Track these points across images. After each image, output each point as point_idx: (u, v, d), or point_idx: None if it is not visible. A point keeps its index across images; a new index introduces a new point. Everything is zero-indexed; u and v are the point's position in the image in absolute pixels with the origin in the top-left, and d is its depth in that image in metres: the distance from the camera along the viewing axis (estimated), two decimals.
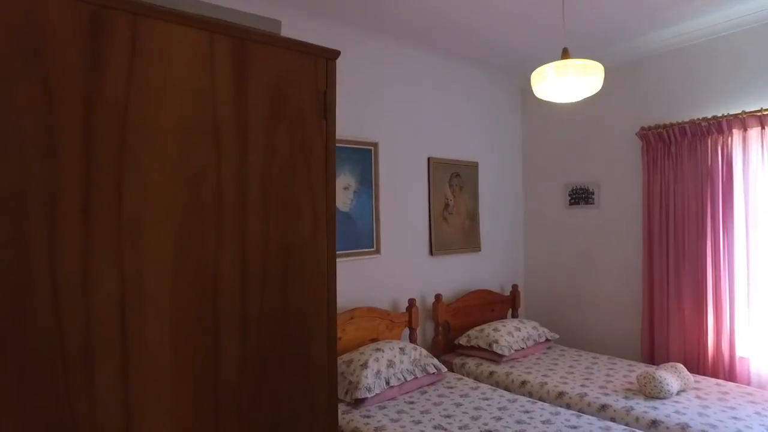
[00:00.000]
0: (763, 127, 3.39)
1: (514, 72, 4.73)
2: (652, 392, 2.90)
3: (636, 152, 4.07)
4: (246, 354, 0.91)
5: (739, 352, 3.47)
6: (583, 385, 3.17)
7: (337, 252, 3.47)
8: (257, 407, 0.93)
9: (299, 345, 0.97)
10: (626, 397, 2.94)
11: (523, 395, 3.20)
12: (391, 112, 3.91)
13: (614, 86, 4.25)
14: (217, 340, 0.88)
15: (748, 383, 3.35)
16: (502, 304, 4.52)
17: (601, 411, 2.86)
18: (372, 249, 3.73)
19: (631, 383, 3.15)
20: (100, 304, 0.77)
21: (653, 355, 3.85)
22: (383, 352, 3.15)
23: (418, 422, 2.66)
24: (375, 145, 3.77)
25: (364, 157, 3.72)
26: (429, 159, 4.16)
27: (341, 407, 2.87)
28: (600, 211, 4.37)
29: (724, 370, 3.49)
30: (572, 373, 3.43)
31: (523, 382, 3.32)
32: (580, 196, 4.49)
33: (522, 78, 4.84)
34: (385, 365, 3.07)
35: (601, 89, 4.24)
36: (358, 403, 2.87)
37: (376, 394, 2.92)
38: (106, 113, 0.79)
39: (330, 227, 1.06)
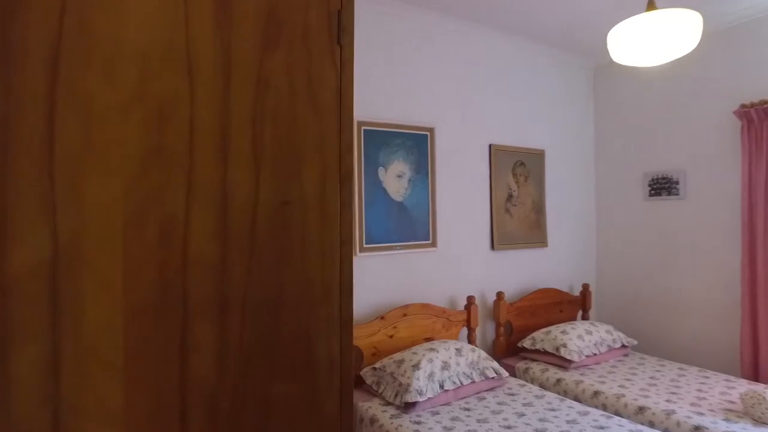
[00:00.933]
0: None
1: (586, 52, 4.30)
2: (764, 416, 2.44)
3: (732, 134, 3.54)
4: (225, 348, 0.69)
5: None
6: (669, 401, 2.74)
7: (390, 244, 3.27)
8: (239, 416, 0.71)
9: (299, 339, 0.75)
10: (727, 419, 2.49)
11: (596, 407, 2.83)
12: (449, 95, 3.63)
13: (707, 56, 3.73)
14: (186, 327, 0.67)
15: None
16: (570, 305, 4.11)
17: None
18: (428, 242, 3.47)
19: (732, 402, 2.69)
20: (19, 273, 0.58)
21: (757, 371, 3.32)
22: (437, 352, 2.89)
23: None
24: (431, 130, 3.51)
25: (419, 144, 3.47)
26: (490, 146, 3.84)
27: (389, 411, 2.63)
28: (686, 202, 3.86)
29: None
30: (654, 385, 3.00)
31: (596, 393, 2.94)
32: (662, 186, 4.00)
33: (594, 58, 4.39)
34: (440, 367, 2.80)
35: (691, 61, 3.76)
36: (408, 407, 2.62)
37: (429, 398, 2.66)
38: (33, 18, 0.60)
39: (345, 186, 0.83)
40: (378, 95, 3.29)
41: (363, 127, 3.22)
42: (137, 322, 0.63)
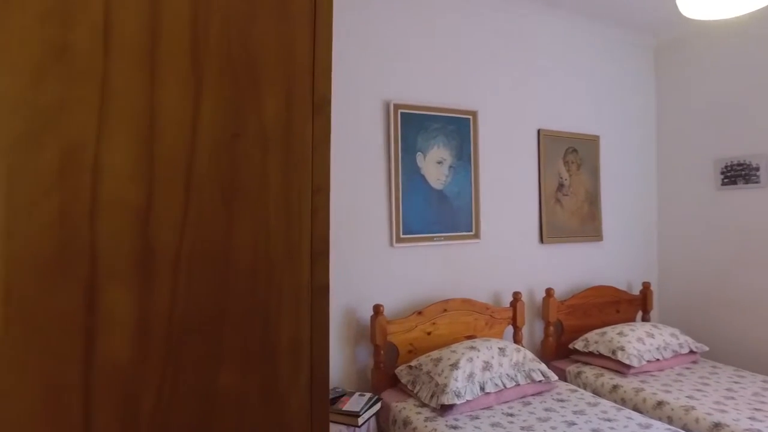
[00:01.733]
0: None
1: (646, 28, 3.91)
2: None
3: None
4: (149, 322, 0.51)
5: None
6: (752, 418, 2.38)
7: (429, 235, 3.06)
8: (167, 418, 0.53)
9: (253, 313, 0.56)
10: None
11: (660, 420, 2.50)
12: (494, 76, 3.37)
13: None
14: (93, 292, 0.50)
15: None
16: (629, 305, 3.75)
17: None
18: (470, 233, 3.23)
19: None
20: None
21: None
22: (479, 351, 2.65)
23: None
24: (474, 114, 3.27)
25: (461, 128, 3.23)
26: (539, 131, 3.55)
27: (424, 413, 2.42)
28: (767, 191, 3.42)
29: None
30: (732, 398, 2.63)
31: (660, 403, 2.61)
32: (739, 174, 3.57)
33: (655, 35, 4.00)
34: (480, 367, 2.57)
35: None
36: (445, 409, 2.40)
37: (467, 401, 2.43)
38: None
39: (320, 117, 0.64)
40: (415, 75, 3.09)
41: (399, 110, 3.02)
42: (22, 281, 0.47)
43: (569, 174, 3.68)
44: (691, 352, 3.26)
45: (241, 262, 0.56)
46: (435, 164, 3.15)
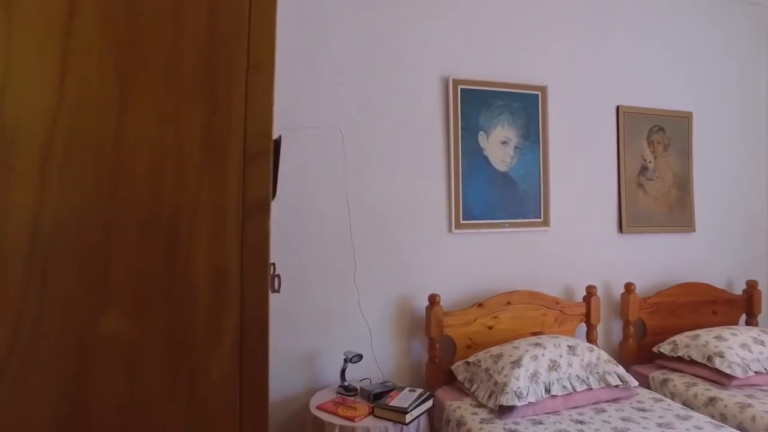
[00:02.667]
0: None
1: None
2: None
3: None
4: (5, 237, 0.36)
5: None
6: None
7: (493, 221, 2.80)
8: (30, 372, 0.37)
9: (155, 232, 0.39)
10: None
11: None
12: (566, 47, 3.05)
13: None
14: None
15: None
16: (729, 307, 3.25)
17: None
18: (539, 220, 2.94)
19: None
20: None
21: None
22: (545, 349, 2.37)
23: None
24: (543, 89, 2.97)
25: (527, 105, 2.95)
26: (618, 108, 3.17)
27: (480, 414, 2.18)
28: None
29: None
30: None
31: None
32: None
33: None
34: (546, 367, 2.28)
35: None
36: (504, 411, 2.15)
37: (530, 403, 2.16)
38: None
39: None
40: (476, 48, 2.85)
41: (459, 86, 2.79)
42: None
43: (654, 156, 3.26)
44: None
45: (137, 160, 0.40)
46: (499, 144, 2.88)
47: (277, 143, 0.93)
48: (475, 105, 2.83)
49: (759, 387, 2.55)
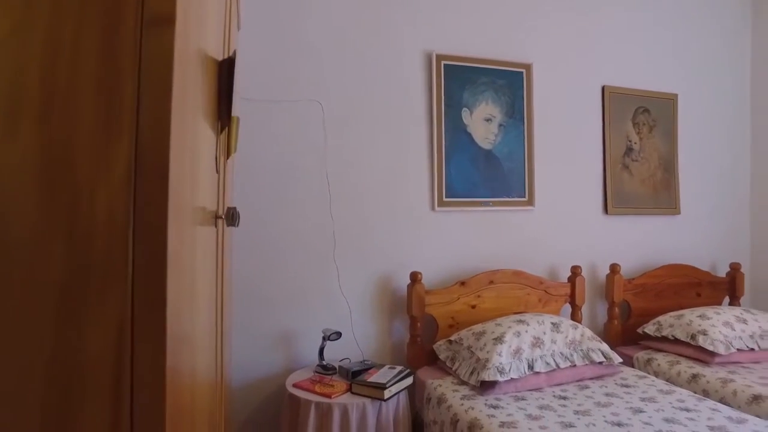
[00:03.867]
0: None
1: None
2: None
3: None
4: None
5: None
6: None
7: (476, 199, 2.75)
8: None
9: None
10: None
11: (758, 417, 2.04)
12: (551, 24, 3.00)
13: None
14: None
15: None
16: (713, 289, 3.24)
17: None
18: (523, 199, 2.89)
19: None
20: None
21: None
22: (528, 325, 2.32)
23: (569, 426, 1.80)
24: (528, 67, 2.92)
25: (512, 83, 2.90)
26: (603, 88, 3.13)
27: (462, 391, 2.13)
28: None
29: None
30: None
31: (756, 398, 2.14)
32: None
33: None
34: (529, 343, 2.24)
35: None
36: (486, 387, 2.10)
37: (512, 379, 2.12)
38: None
39: None
40: (460, 22, 2.79)
41: (443, 62, 2.74)
42: None
43: (639, 137, 3.24)
44: None
45: None
46: (483, 122, 2.83)
47: (231, 60, 0.86)
48: (458, 81, 2.78)
49: (741, 364, 2.53)
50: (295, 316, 2.42)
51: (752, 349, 2.58)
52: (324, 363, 2.31)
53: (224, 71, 0.84)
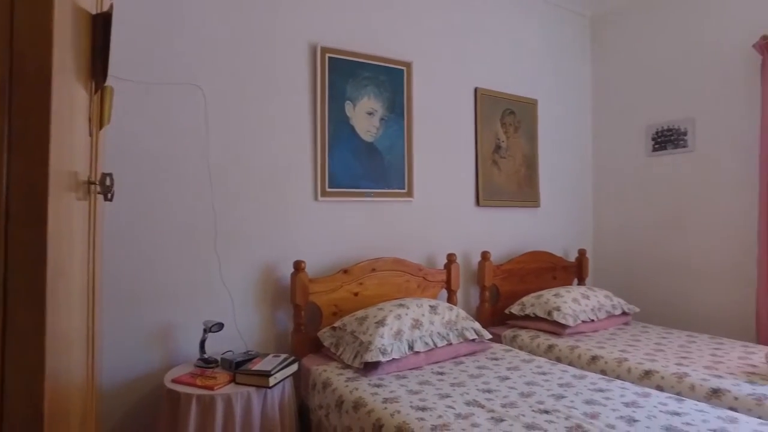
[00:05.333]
0: None
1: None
2: None
3: (750, 73, 3.12)
4: None
5: None
6: (679, 364, 2.32)
7: (358, 190, 2.83)
8: None
9: None
10: (751, 382, 2.07)
11: (594, 373, 2.38)
12: (431, 27, 3.19)
13: None
14: None
15: None
16: (565, 272, 3.68)
17: (713, 397, 2.01)
18: (403, 190, 3.03)
19: (753, 367, 2.26)
20: None
21: None
22: (408, 309, 2.45)
23: (446, 396, 1.94)
24: (408, 65, 3.07)
25: (393, 79, 3.03)
26: (476, 90, 3.40)
27: (346, 374, 2.19)
28: (695, 155, 3.43)
29: None
30: (662, 350, 2.58)
31: (594, 358, 2.51)
32: (668, 139, 3.57)
33: (591, 5, 3.96)
34: (409, 325, 2.36)
35: None
36: (369, 369, 2.18)
37: (394, 359, 2.22)
38: None
39: None
40: (346, 17, 2.85)
41: (327, 54, 2.77)
42: None
43: (507, 137, 3.56)
44: (624, 313, 3.21)
45: None
46: (365, 115, 2.92)
47: (108, 15, 0.81)
48: (342, 74, 2.83)
49: (584, 333, 2.92)
50: (172, 310, 2.30)
51: (592, 320, 2.98)
52: (205, 356, 2.23)
53: (99, 27, 0.79)
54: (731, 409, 1.89)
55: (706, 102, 3.36)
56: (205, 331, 2.22)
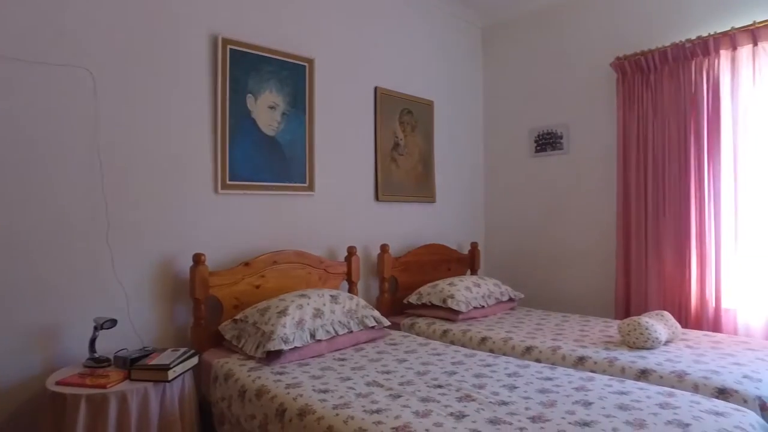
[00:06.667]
0: (755, 44, 2.94)
1: (476, 10, 4.17)
2: (638, 341, 2.37)
3: (610, 87, 3.58)
4: None
5: (725, 304, 3.02)
6: (554, 339, 2.62)
7: (259, 183, 2.82)
8: None
9: None
10: (607, 349, 2.40)
11: (482, 351, 2.60)
12: (333, 25, 3.27)
13: (585, 12, 3.76)
14: None
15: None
16: (459, 264, 3.95)
17: (579, 364, 2.31)
18: (304, 185, 3.08)
19: (610, 337, 2.63)
20: None
21: (629, 311, 3.36)
22: (309, 299, 2.51)
23: (347, 379, 2.03)
24: (310, 61, 3.12)
25: (295, 74, 3.06)
26: (376, 89, 3.54)
27: (249, 364, 2.20)
28: (569, 156, 3.86)
29: (709, 322, 3.03)
30: (541, 329, 2.88)
31: (483, 339, 2.75)
32: (547, 142, 3.98)
33: (483, 16, 4.29)
34: (311, 315, 2.42)
35: (570, 17, 3.77)
36: (272, 358, 2.21)
37: (296, 348, 2.27)
38: None
39: None
40: (249, 10, 2.84)
41: (229, 46, 2.74)
42: None
43: (404, 135, 3.74)
44: (510, 299, 3.52)
45: None
46: (267, 109, 2.93)
47: None
48: (244, 67, 2.82)
49: (476, 319, 3.17)
50: (56, 307, 2.14)
51: (483, 307, 3.25)
52: (96, 356, 2.11)
53: None
54: (591, 371, 2.19)
55: (578, 110, 3.79)
56: (95, 328, 2.11)
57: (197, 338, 2.44)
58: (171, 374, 1.95)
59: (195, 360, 2.16)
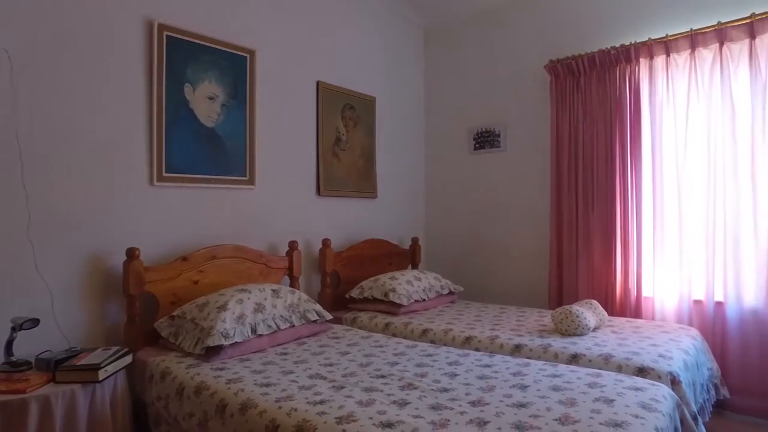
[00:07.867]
0: (668, 55, 3.19)
1: (419, 9, 4.23)
2: (569, 328, 2.52)
3: (545, 88, 3.75)
4: None
5: (644, 293, 3.26)
6: (492, 329, 2.72)
7: (198, 176, 2.73)
8: None
9: None
10: (541, 337, 2.53)
11: (423, 342, 2.66)
12: (275, 17, 3.21)
13: (521, 17, 3.91)
14: None
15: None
16: (400, 258, 4.00)
17: (516, 351, 2.41)
18: (244, 178, 3.01)
19: (544, 326, 2.77)
20: None
21: (561, 301, 3.54)
22: (250, 293, 2.46)
23: (290, 372, 2.01)
24: (252, 53, 3.05)
25: (236, 65, 2.98)
26: (318, 83, 3.51)
27: (187, 362, 2.13)
28: (507, 154, 4.01)
29: (631, 309, 3.26)
30: (480, 320, 2.98)
31: (425, 331, 2.80)
32: (485, 140, 4.11)
33: (425, 16, 4.36)
34: (252, 309, 2.38)
35: (507, 21, 3.93)
36: (211, 354, 2.15)
37: (237, 343, 2.22)
38: None
39: None
40: None
41: (165, 32, 2.63)
42: None
43: (347, 130, 3.74)
44: (450, 292, 3.61)
45: None
46: (206, 99, 2.84)
47: None
48: (182, 55, 2.71)
49: (417, 312, 3.23)
50: None
51: (424, 300, 3.31)
52: (13, 359, 1.96)
53: None
54: (527, 358, 2.29)
55: (514, 110, 3.94)
56: (13, 329, 1.95)
57: (131, 336, 2.33)
58: (102, 374, 1.86)
59: (128, 359, 2.06)
